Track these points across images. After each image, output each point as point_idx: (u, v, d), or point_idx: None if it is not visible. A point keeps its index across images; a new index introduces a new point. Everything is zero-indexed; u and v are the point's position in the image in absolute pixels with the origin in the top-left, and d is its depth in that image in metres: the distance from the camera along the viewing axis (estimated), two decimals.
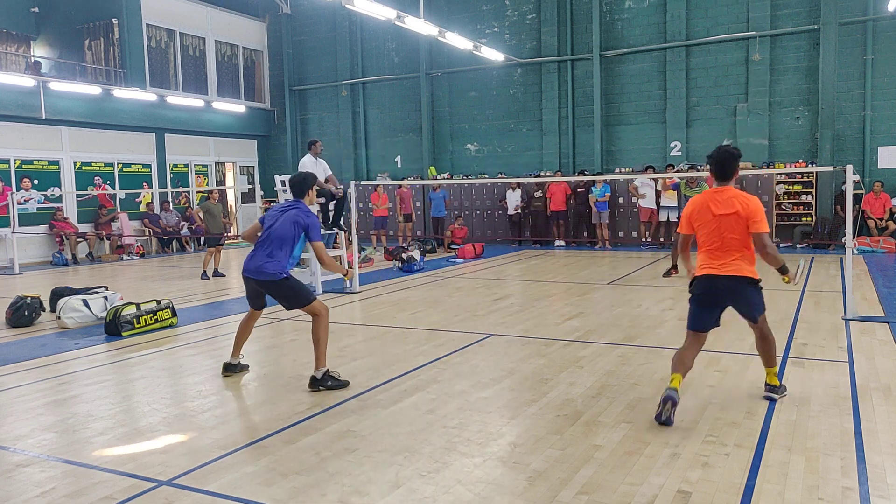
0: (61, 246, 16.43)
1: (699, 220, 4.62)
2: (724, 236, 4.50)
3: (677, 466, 3.68)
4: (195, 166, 20.67)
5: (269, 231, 5.37)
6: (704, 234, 4.59)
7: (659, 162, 17.16)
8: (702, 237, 4.61)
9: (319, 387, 5.20)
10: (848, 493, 3.33)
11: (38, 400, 5.28)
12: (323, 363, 5.25)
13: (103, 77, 18.48)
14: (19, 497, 3.55)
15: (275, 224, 5.37)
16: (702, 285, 4.59)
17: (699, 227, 4.62)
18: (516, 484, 3.54)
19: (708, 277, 4.54)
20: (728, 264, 4.50)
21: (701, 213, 4.60)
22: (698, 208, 4.63)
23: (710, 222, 4.54)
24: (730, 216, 4.48)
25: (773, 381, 4.76)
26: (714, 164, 4.59)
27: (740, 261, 4.50)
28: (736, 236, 4.48)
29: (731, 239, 4.49)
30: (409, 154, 20.77)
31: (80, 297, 8.46)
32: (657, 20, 17.19)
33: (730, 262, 4.50)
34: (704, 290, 4.58)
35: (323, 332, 5.26)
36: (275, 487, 3.57)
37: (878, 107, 15.28)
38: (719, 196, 4.55)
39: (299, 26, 22.13)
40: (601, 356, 6.09)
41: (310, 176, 5.64)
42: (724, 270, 4.49)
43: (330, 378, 5.26)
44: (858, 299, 8.34)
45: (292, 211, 5.38)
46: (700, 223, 4.61)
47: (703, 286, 4.58)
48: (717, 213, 4.52)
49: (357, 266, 10.66)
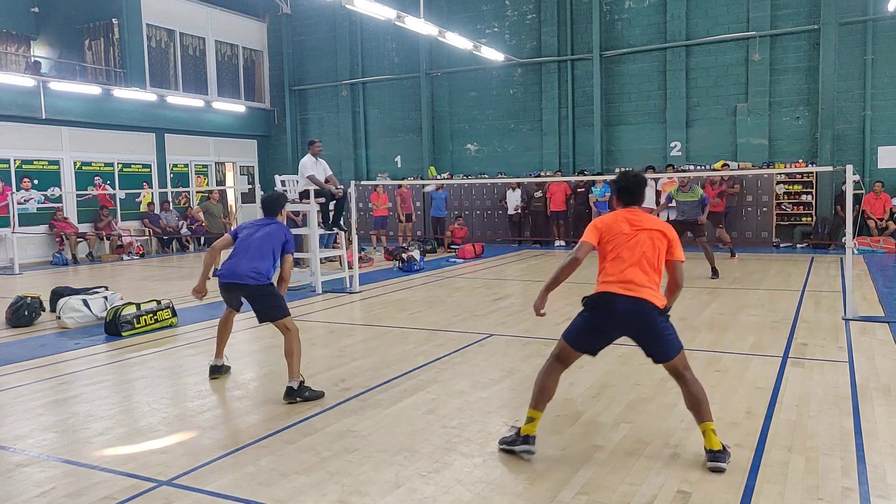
0: (61, 246, 16.42)
1: (611, 232, 3.94)
2: (642, 253, 3.87)
3: (677, 466, 3.68)
4: (195, 166, 20.66)
5: (251, 241, 5.42)
6: (615, 249, 3.91)
7: (659, 162, 17.16)
8: (611, 252, 3.92)
9: (297, 398, 5.02)
10: (848, 493, 3.33)
11: (38, 400, 5.28)
12: (297, 374, 5.13)
13: (103, 77, 18.47)
14: (19, 497, 3.55)
15: (256, 235, 5.45)
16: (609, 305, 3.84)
17: (609, 241, 3.93)
18: (516, 484, 3.54)
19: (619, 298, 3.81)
20: (641, 287, 3.82)
21: (615, 225, 3.95)
22: (611, 220, 3.99)
23: (625, 236, 3.90)
24: (653, 231, 3.91)
25: (714, 443, 3.69)
26: (621, 190, 4.06)
27: (653, 285, 3.85)
28: (652, 257, 3.88)
29: (652, 260, 3.88)
30: (409, 154, 20.77)
31: (80, 297, 8.46)
32: (657, 20, 17.19)
33: (642, 285, 3.83)
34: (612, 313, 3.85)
35: (296, 345, 5.24)
36: (275, 487, 3.57)
37: (878, 107, 15.28)
38: (634, 215, 3.99)
39: (299, 26, 22.13)
40: (601, 356, 6.05)
41: (282, 196, 5.84)
42: (634, 292, 3.81)
43: (306, 389, 5.13)
44: (858, 299, 8.34)
45: (273, 226, 5.55)
46: (612, 236, 3.93)
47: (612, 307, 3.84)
48: (636, 227, 3.91)
49: (357, 266, 10.65)
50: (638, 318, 3.81)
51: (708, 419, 3.75)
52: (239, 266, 5.34)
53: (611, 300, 3.82)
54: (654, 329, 3.82)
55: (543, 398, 3.90)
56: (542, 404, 3.89)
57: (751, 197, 15.97)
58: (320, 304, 9.57)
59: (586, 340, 3.93)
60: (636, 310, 3.80)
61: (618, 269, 3.85)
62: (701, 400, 3.78)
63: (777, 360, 5.78)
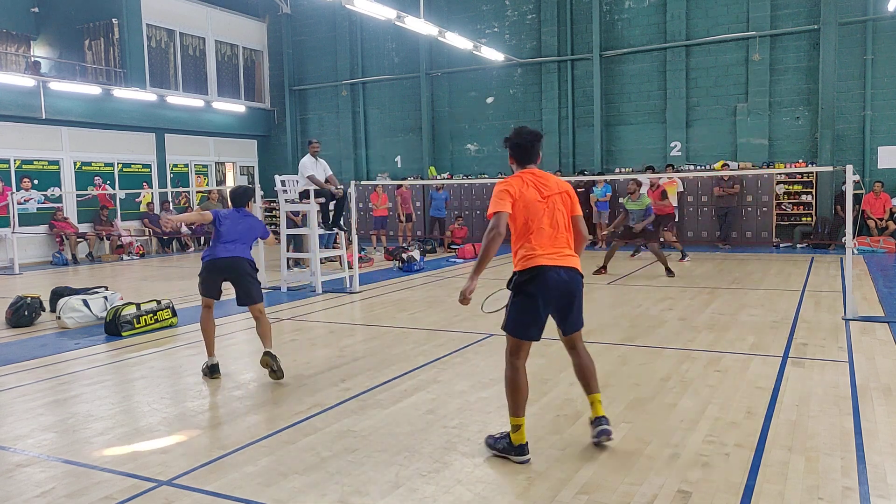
0: (61, 246, 16.42)
1: (524, 199, 3.76)
2: (559, 218, 3.79)
3: (677, 466, 3.68)
4: (195, 166, 20.67)
5: (239, 231, 5.84)
6: (533, 219, 3.76)
7: (659, 162, 17.16)
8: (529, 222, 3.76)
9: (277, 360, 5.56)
10: (848, 493, 3.32)
11: (38, 400, 5.28)
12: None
13: (103, 77, 18.47)
14: (19, 497, 3.55)
15: (240, 226, 5.87)
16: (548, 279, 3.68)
17: (523, 209, 3.76)
18: (516, 484, 3.54)
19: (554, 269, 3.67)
20: (568, 255, 3.74)
21: (527, 192, 3.78)
22: (520, 185, 3.80)
23: (539, 203, 3.77)
24: (561, 194, 3.83)
25: (599, 411, 3.91)
26: (517, 147, 3.92)
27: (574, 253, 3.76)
28: (566, 220, 3.81)
29: (562, 224, 3.79)
30: (409, 154, 20.77)
31: (80, 297, 8.46)
32: (657, 20, 17.19)
33: (568, 253, 3.74)
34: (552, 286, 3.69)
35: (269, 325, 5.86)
36: (275, 487, 3.57)
37: (878, 107, 15.28)
38: (537, 177, 3.85)
39: (299, 26, 22.13)
40: (601, 356, 6.09)
41: (250, 189, 6.34)
42: (566, 262, 3.69)
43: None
44: (858, 299, 8.34)
45: (251, 218, 6.04)
46: (525, 203, 3.76)
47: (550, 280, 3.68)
48: (546, 193, 3.80)
49: (357, 266, 10.65)
50: (574, 288, 3.79)
51: (596, 391, 3.99)
52: (236, 248, 5.77)
53: (544, 273, 3.68)
54: (579, 298, 3.86)
55: (521, 403, 3.81)
56: (521, 409, 3.80)
57: (751, 197, 15.98)
58: (320, 304, 9.57)
59: (533, 324, 3.76)
60: (572, 280, 3.76)
61: (545, 241, 3.74)
62: (592, 372, 4.01)
63: (777, 360, 5.78)
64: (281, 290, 10.62)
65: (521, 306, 3.75)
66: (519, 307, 3.76)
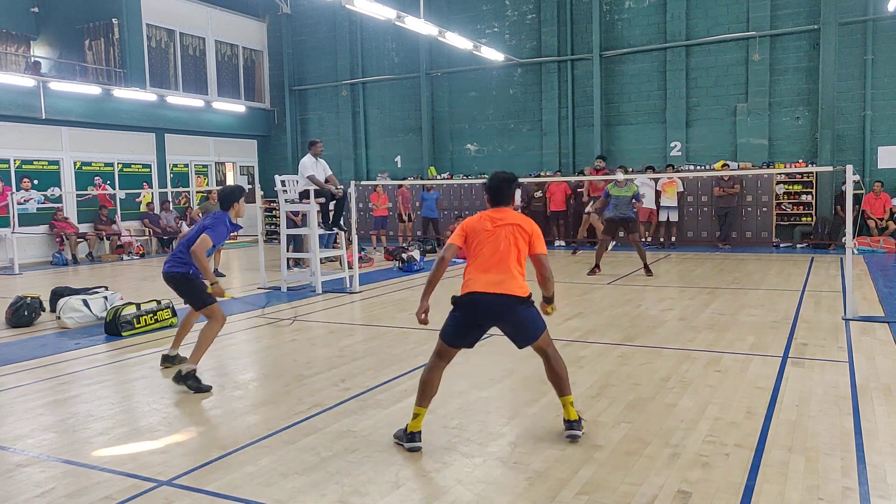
0: (61, 246, 16.42)
1: (474, 231, 4.19)
2: (504, 247, 4.10)
3: (677, 466, 3.68)
4: (195, 166, 20.67)
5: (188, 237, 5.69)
6: (477, 246, 4.16)
7: (659, 162, 17.16)
8: (474, 249, 4.18)
9: (181, 382, 5.33)
10: (848, 493, 3.32)
11: (38, 400, 5.28)
12: (195, 361, 5.42)
13: (103, 77, 18.47)
14: (19, 497, 3.55)
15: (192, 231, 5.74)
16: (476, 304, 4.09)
17: (472, 239, 4.19)
18: (516, 484, 3.54)
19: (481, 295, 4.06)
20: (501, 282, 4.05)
21: (479, 224, 4.20)
22: (476, 220, 4.23)
23: (487, 232, 4.14)
24: (513, 226, 4.14)
25: (572, 415, 4.11)
26: (489, 190, 4.31)
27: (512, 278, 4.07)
28: (513, 250, 4.10)
29: (508, 254, 4.09)
30: (409, 154, 20.78)
31: (80, 297, 8.46)
32: (657, 20, 17.20)
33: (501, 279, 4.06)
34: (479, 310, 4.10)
35: (210, 335, 5.54)
36: (275, 487, 3.57)
37: (878, 107, 15.28)
38: (498, 213, 4.24)
39: (299, 26, 22.13)
40: (601, 356, 6.09)
41: (236, 189, 5.88)
42: (495, 288, 4.04)
43: (193, 378, 5.34)
44: (858, 299, 8.34)
45: (208, 218, 5.69)
46: (475, 234, 4.18)
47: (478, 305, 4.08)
48: (497, 224, 4.15)
49: (357, 266, 10.65)
50: (502, 311, 4.07)
51: (568, 393, 4.16)
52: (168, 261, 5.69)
53: (476, 299, 4.07)
54: (516, 319, 4.10)
55: (427, 395, 4.11)
56: (426, 401, 4.11)
57: (751, 197, 15.98)
58: (320, 304, 9.57)
59: (460, 337, 4.17)
60: (498, 304, 4.05)
61: (480, 267, 4.11)
62: (562, 376, 4.16)
63: (777, 360, 5.78)
64: (281, 290, 10.62)
65: (453, 320, 4.18)
66: (451, 320, 4.19)
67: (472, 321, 4.14)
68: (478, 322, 4.14)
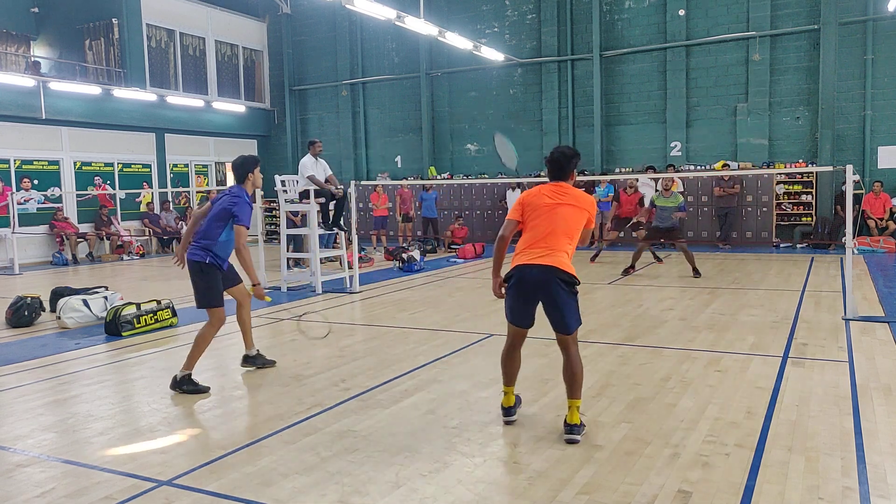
0: (61, 246, 16.42)
1: (532, 206, 4.23)
2: (557, 223, 4.17)
3: (677, 466, 3.68)
4: (195, 166, 20.67)
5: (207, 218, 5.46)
6: (532, 220, 4.22)
7: (659, 162, 17.17)
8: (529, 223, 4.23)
9: (178, 388, 5.30)
10: (848, 493, 3.32)
11: (38, 400, 5.28)
12: (190, 367, 5.36)
13: (103, 77, 18.47)
14: (19, 497, 3.55)
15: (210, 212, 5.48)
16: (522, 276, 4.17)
17: (530, 214, 4.23)
18: (516, 484, 3.54)
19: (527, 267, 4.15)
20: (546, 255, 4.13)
21: (537, 199, 4.23)
22: (535, 194, 4.26)
23: (545, 207, 4.20)
24: (574, 207, 4.21)
25: (575, 419, 4.09)
26: (550, 163, 4.34)
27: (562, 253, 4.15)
28: (567, 227, 4.18)
29: (562, 230, 4.17)
30: (409, 154, 20.78)
31: (80, 297, 8.45)
32: (657, 20, 17.20)
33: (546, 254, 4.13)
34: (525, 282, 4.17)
35: (207, 338, 5.45)
36: (275, 487, 3.57)
37: (878, 107, 15.28)
38: (559, 188, 4.28)
39: (299, 26, 22.13)
40: (601, 356, 6.09)
41: (249, 159, 5.59)
42: (541, 260, 4.11)
43: (189, 382, 5.32)
44: (858, 299, 8.34)
45: (225, 197, 5.45)
46: (532, 209, 4.23)
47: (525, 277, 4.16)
48: (557, 201, 4.20)
49: (357, 266, 10.65)
50: (546, 282, 4.10)
51: (577, 397, 4.14)
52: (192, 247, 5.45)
53: (522, 271, 4.16)
54: (556, 297, 4.10)
55: (508, 375, 4.40)
56: (510, 380, 4.41)
57: (751, 197, 15.98)
58: (320, 304, 9.57)
59: (517, 314, 4.27)
60: (542, 274, 4.10)
61: (529, 241, 4.19)
62: (578, 378, 4.15)
63: (777, 360, 5.78)
64: (281, 290, 10.62)
65: (509, 298, 4.31)
66: (508, 299, 4.31)
67: (522, 295, 4.20)
68: (526, 295, 4.19)
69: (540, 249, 4.13)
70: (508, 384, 4.40)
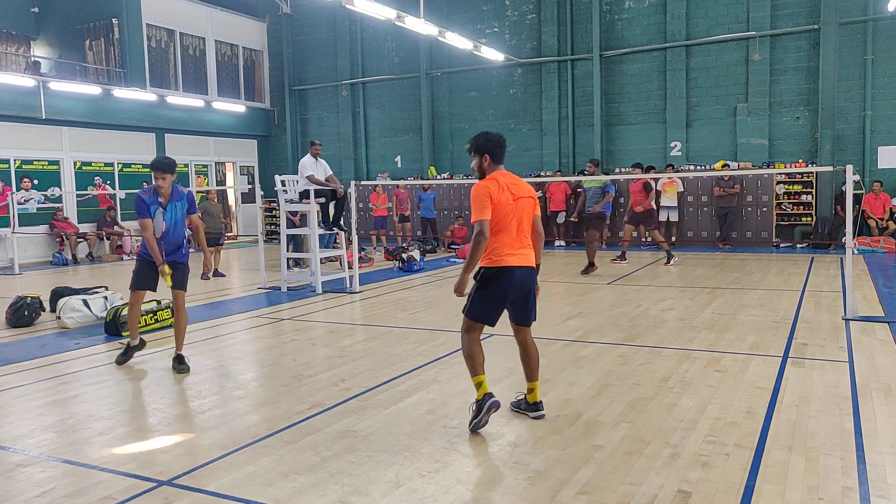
0: (61, 246, 16.43)
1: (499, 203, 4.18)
2: (523, 220, 4.25)
3: (677, 466, 3.68)
4: (195, 166, 20.66)
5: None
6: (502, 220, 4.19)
7: (659, 162, 17.17)
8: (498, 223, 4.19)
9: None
10: (848, 493, 3.32)
11: (38, 400, 5.28)
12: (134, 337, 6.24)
13: (104, 77, 18.48)
14: (19, 497, 3.55)
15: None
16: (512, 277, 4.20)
17: (497, 211, 4.17)
18: (516, 484, 3.54)
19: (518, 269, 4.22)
20: (527, 254, 4.27)
21: (502, 196, 4.19)
22: (497, 190, 4.19)
23: (510, 206, 4.20)
24: (528, 199, 4.27)
25: (537, 397, 4.46)
26: (498, 147, 4.33)
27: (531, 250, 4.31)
28: (528, 222, 4.29)
29: (526, 224, 4.28)
30: (409, 154, 20.78)
31: (80, 297, 8.46)
32: (657, 20, 17.20)
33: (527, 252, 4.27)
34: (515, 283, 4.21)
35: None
36: (275, 487, 3.57)
37: (878, 107, 15.28)
38: (509, 179, 4.27)
39: (299, 26, 22.13)
40: (601, 356, 6.10)
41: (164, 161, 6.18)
42: (524, 261, 4.24)
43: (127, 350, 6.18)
44: (858, 299, 8.34)
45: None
46: (499, 206, 4.17)
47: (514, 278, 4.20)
48: (515, 196, 4.22)
49: (357, 266, 10.65)
50: (527, 283, 4.27)
51: (537, 379, 4.49)
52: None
53: (510, 272, 4.20)
54: (531, 291, 4.34)
55: (478, 364, 4.35)
56: (480, 369, 4.35)
57: (751, 197, 15.98)
58: (320, 304, 9.57)
59: (491, 313, 4.32)
60: (526, 277, 4.26)
61: (508, 242, 4.22)
62: (536, 362, 4.48)
63: (777, 360, 5.78)
64: (281, 290, 10.62)
65: (485, 298, 4.26)
66: (483, 298, 4.27)
67: (504, 296, 4.25)
68: (508, 295, 4.25)
69: (519, 249, 4.23)
70: (480, 372, 4.35)
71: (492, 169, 4.34)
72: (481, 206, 4.15)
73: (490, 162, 4.33)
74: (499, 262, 4.19)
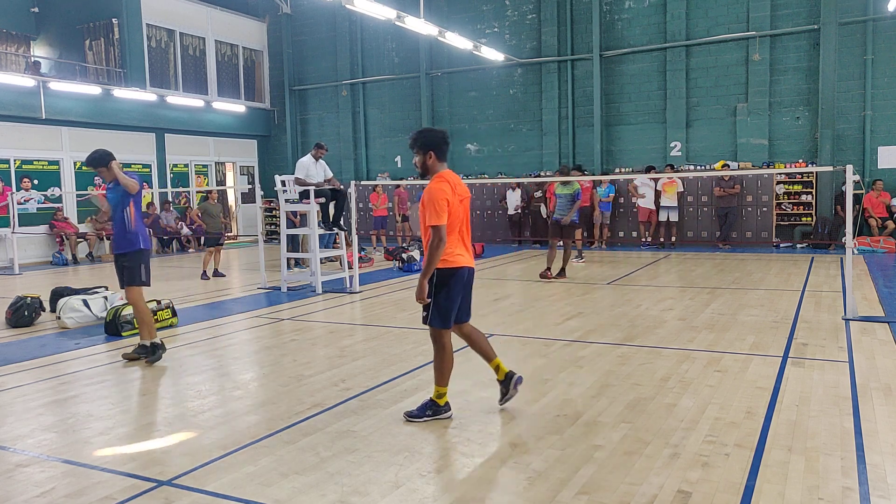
0: (61, 246, 16.43)
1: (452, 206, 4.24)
2: (464, 222, 4.38)
3: (677, 466, 3.68)
4: (195, 166, 20.67)
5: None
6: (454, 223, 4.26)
7: (659, 162, 17.17)
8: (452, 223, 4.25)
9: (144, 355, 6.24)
10: (848, 493, 3.32)
11: (38, 400, 5.28)
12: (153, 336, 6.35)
13: (104, 77, 18.48)
14: (19, 497, 3.55)
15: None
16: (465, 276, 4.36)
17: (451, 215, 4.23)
18: (516, 484, 3.54)
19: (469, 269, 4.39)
20: (470, 254, 4.45)
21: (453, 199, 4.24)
22: (450, 192, 4.23)
23: (458, 208, 4.28)
24: (466, 199, 4.41)
25: (506, 370, 4.60)
26: (444, 144, 4.37)
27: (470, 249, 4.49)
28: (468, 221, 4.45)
29: (467, 224, 4.41)
30: (409, 154, 20.46)
31: (80, 297, 8.46)
32: (657, 20, 17.20)
33: (470, 251, 4.46)
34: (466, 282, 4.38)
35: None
36: (275, 487, 3.57)
37: (878, 107, 15.28)
38: (455, 181, 4.32)
39: (299, 26, 22.13)
40: (601, 356, 6.09)
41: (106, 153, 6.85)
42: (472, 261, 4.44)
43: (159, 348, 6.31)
44: (858, 299, 8.34)
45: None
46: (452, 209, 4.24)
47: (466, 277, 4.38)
48: (460, 197, 4.30)
49: (357, 266, 10.65)
50: (471, 281, 4.46)
51: (495, 355, 4.60)
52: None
53: (462, 272, 4.32)
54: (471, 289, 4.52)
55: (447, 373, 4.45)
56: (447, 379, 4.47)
57: (751, 197, 15.98)
58: (320, 304, 9.57)
59: (454, 312, 4.37)
60: (472, 276, 4.44)
61: (461, 242, 4.36)
62: (485, 339, 4.65)
63: (777, 360, 5.78)
64: (281, 290, 10.62)
65: (448, 301, 4.29)
66: (447, 301, 4.29)
67: (459, 295, 4.35)
68: (461, 293, 4.35)
69: (465, 249, 4.38)
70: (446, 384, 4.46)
71: (437, 167, 4.34)
72: (440, 210, 4.13)
73: (435, 159, 4.32)
74: (453, 263, 4.26)
